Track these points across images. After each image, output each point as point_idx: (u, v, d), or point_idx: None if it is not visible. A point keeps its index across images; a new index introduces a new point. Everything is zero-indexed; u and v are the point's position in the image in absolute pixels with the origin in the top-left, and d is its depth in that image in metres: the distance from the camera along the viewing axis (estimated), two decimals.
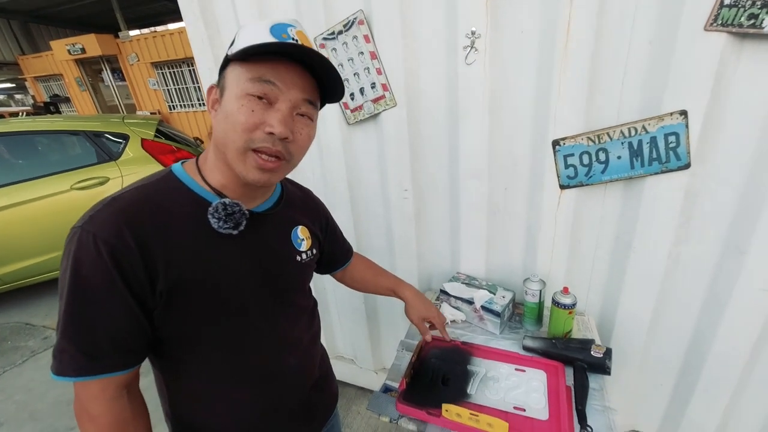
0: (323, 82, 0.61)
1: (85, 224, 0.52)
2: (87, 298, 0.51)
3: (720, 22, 0.82)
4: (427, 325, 1.05)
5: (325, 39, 1.20)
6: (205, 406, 0.67)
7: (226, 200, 0.60)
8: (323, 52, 1.22)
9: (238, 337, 0.65)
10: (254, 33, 0.55)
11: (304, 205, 0.81)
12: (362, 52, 1.17)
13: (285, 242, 0.72)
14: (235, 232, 0.61)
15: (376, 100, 1.21)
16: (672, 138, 0.94)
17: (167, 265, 0.55)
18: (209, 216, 0.59)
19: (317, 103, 0.63)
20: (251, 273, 0.65)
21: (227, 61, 0.58)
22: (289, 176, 0.82)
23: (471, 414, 0.84)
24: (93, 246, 0.50)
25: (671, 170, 0.96)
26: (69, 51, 8.39)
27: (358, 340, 1.73)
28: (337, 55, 1.21)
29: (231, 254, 0.62)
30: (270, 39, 0.54)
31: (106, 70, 8.88)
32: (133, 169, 2.88)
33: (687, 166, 0.95)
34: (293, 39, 0.56)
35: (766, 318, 1.00)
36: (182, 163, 0.65)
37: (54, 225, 2.67)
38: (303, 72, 0.58)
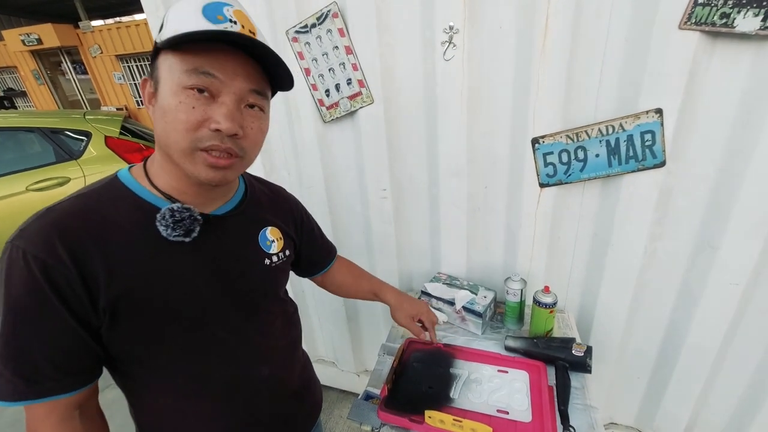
0: (269, 68, 0.55)
1: (15, 239, 0.47)
2: (20, 318, 0.47)
3: (693, 20, 0.82)
4: (419, 324, 0.98)
5: (297, 32, 1.14)
6: (172, 423, 0.63)
7: (175, 205, 0.55)
8: (295, 46, 1.16)
9: (199, 350, 0.60)
10: (185, 15, 0.48)
11: (273, 204, 0.75)
12: (337, 47, 1.12)
13: (251, 246, 0.67)
14: (187, 239, 0.56)
15: (352, 97, 1.17)
16: (648, 136, 0.94)
17: (109, 279, 0.50)
18: (157, 224, 0.54)
19: (267, 92, 0.57)
20: (208, 282, 0.60)
21: (158, 49, 0.51)
22: (261, 174, 0.77)
23: (454, 420, 0.82)
24: (23, 262, 0.46)
25: (647, 168, 0.97)
26: (23, 41, 7.86)
27: (339, 342, 1.69)
28: (310, 49, 1.15)
29: (184, 263, 0.57)
30: (203, 23, 0.48)
31: (66, 62, 8.37)
32: (97, 168, 2.71)
33: (662, 164, 0.96)
34: (231, 20, 0.49)
35: (736, 311, 1.04)
36: (130, 167, 0.59)
37: (8, 229, 2.46)
38: (246, 58, 0.52)
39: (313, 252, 0.87)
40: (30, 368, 0.48)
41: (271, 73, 0.56)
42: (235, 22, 0.50)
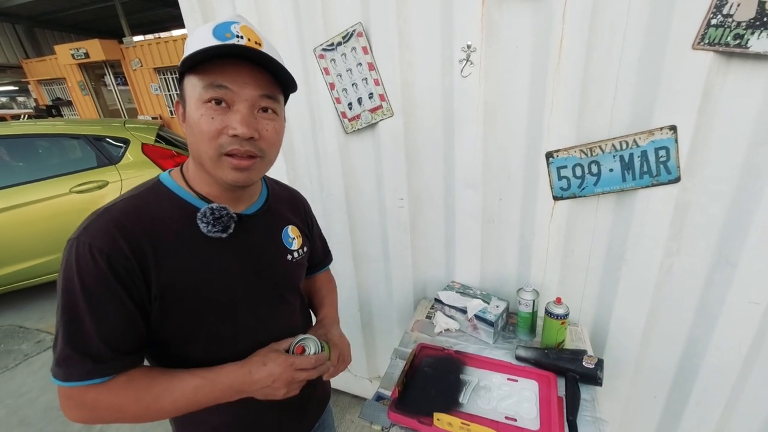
0: (276, 74, 0.60)
1: (80, 235, 0.54)
2: (83, 304, 0.53)
3: (707, 41, 0.84)
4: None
5: (324, 50, 1.23)
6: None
7: (214, 205, 0.62)
8: (322, 62, 1.24)
9: (231, 336, 0.66)
10: (199, 39, 0.55)
11: (291, 205, 0.83)
12: (360, 63, 1.19)
13: (276, 242, 0.74)
14: (224, 235, 0.62)
15: (373, 110, 1.23)
16: (662, 152, 0.95)
17: (159, 270, 0.57)
18: (198, 221, 0.61)
19: (278, 95, 0.62)
20: (241, 274, 0.66)
21: (182, 73, 0.58)
22: (285, 181, 0.83)
23: (462, 423, 0.84)
24: (90, 256, 0.52)
25: (662, 183, 0.98)
26: (73, 55, 8.48)
27: (353, 347, 1.67)
28: (335, 65, 1.23)
29: (221, 257, 0.64)
30: (213, 42, 0.54)
31: (109, 74, 8.96)
32: (132, 173, 2.89)
33: (677, 179, 0.96)
34: (237, 36, 0.56)
35: (757, 331, 1.01)
36: (170, 171, 0.66)
37: (52, 228, 2.68)
38: (254, 68, 0.57)
39: (312, 255, 0.91)
40: (95, 350, 0.53)
41: (279, 78, 0.61)
42: (241, 37, 0.56)
